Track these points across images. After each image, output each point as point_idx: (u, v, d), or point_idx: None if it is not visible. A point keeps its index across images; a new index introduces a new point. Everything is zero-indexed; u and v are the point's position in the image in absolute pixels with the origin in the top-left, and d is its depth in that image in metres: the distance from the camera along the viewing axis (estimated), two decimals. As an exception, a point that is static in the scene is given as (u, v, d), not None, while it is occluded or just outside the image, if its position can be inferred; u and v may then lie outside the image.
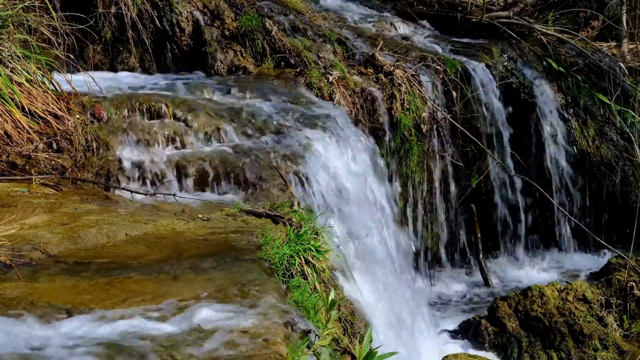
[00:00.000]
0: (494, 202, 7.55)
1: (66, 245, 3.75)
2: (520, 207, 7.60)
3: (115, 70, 6.68)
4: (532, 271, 7.51)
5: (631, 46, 8.68)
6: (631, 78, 8.08)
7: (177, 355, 2.64)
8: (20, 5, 5.72)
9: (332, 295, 3.25)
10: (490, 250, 7.61)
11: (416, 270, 6.96)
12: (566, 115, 7.85)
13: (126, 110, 5.52)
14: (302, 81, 6.56)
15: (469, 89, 7.32)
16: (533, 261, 7.69)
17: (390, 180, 6.61)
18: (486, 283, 7.21)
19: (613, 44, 8.89)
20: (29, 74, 5.28)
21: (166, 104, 5.63)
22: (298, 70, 6.71)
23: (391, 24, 7.94)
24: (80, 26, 6.34)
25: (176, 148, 5.41)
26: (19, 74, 5.23)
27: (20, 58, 5.31)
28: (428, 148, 7.04)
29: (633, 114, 7.75)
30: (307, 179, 5.27)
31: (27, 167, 4.90)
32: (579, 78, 7.94)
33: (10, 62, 5.24)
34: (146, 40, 6.74)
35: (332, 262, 4.50)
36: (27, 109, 5.10)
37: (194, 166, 5.18)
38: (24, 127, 5.03)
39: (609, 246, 6.56)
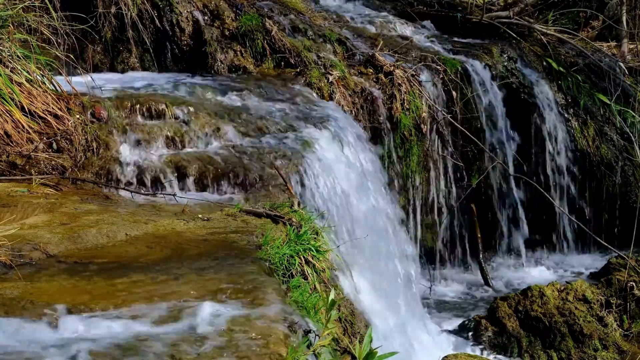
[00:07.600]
0: (494, 202, 7.54)
1: (66, 245, 3.75)
2: (520, 207, 7.59)
3: (115, 70, 6.68)
4: (532, 271, 7.51)
5: (631, 46, 8.69)
6: (631, 78, 8.08)
7: (177, 355, 2.64)
8: (20, 5, 5.72)
9: (332, 295, 3.25)
10: (490, 250, 7.61)
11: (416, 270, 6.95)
12: (566, 115, 7.84)
13: (126, 110, 5.52)
14: (302, 81, 6.56)
15: (469, 89, 7.32)
16: (533, 261, 7.69)
17: (390, 180, 6.60)
18: (486, 283, 7.21)
19: (613, 44, 8.89)
20: (29, 74, 5.28)
21: (166, 104, 5.62)
22: (298, 70, 6.71)
23: (391, 24, 7.94)
24: (80, 26, 6.33)
25: (176, 148, 5.41)
26: (19, 74, 5.23)
27: (20, 58, 5.31)
28: (428, 148, 7.04)
29: (633, 114, 7.75)
30: (307, 178, 5.27)
31: (27, 167, 4.90)
32: (579, 78, 7.94)
33: (10, 62, 5.24)
34: (146, 40, 6.74)
35: (332, 262, 4.50)
36: (27, 109, 5.10)
37: (194, 166, 5.18)
38: (24, 127, 5.03)
39: (609, 246, 6.56)
